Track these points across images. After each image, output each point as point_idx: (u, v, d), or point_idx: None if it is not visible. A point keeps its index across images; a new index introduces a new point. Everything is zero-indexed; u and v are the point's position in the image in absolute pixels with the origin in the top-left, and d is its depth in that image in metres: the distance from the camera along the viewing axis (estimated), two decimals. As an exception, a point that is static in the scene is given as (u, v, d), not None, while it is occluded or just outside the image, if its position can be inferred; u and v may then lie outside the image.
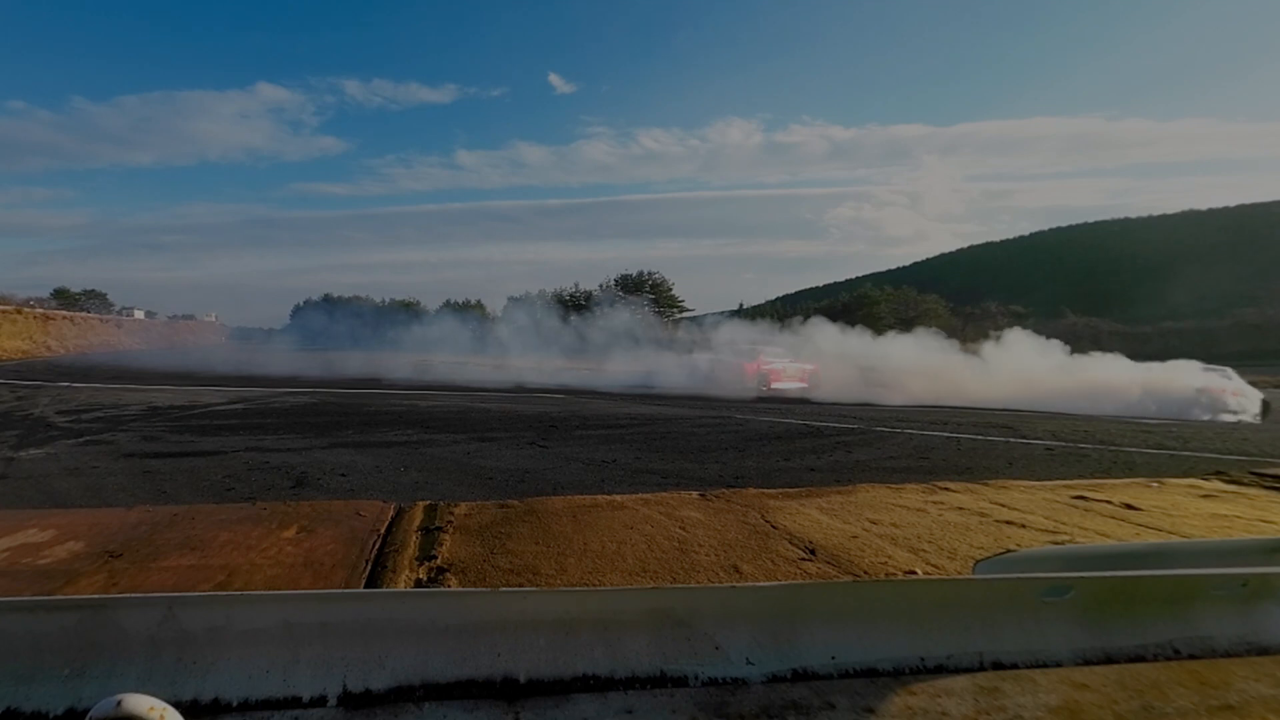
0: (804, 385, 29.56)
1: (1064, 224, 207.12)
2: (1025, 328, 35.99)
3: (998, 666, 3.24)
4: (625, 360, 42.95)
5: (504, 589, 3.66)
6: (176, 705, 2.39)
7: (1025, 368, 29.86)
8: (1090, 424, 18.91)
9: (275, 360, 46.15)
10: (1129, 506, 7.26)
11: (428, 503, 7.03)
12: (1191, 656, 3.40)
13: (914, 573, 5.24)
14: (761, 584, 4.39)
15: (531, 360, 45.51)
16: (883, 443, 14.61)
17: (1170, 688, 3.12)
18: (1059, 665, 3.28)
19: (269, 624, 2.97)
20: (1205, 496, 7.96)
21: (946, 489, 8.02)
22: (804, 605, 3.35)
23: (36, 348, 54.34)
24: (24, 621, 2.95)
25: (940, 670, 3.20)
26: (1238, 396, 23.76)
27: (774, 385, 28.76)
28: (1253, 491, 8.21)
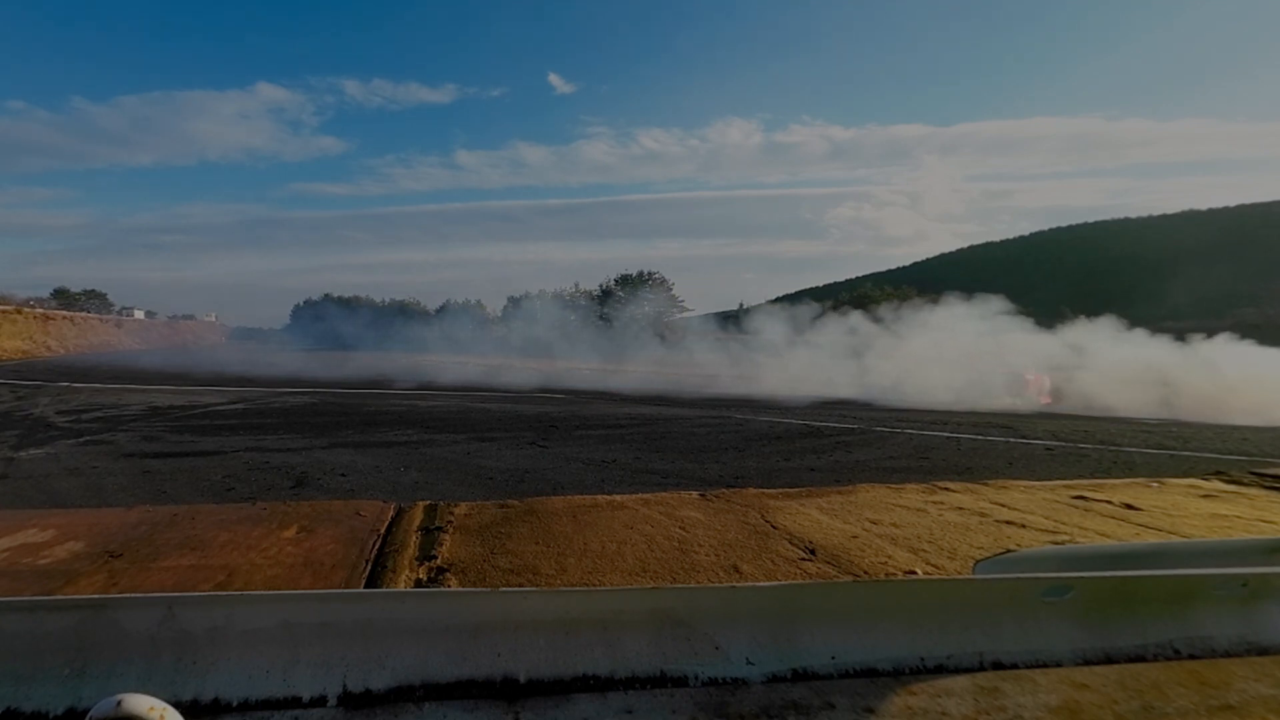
0: (1049, 402, 25.52)
1: (1064, 224, 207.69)
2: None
3: (998, 666, 3.24)
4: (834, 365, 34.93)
5: (504, 589, 3.67)
6: (176, 705, 2.39)
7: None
8: (1090, 424, 18.93)
9: (278, 360, 46.25)
10: (1129, 506, 7.25)
11: (428, 503, 7.03)
12: (1191, 656, 3.40)
13: (914, 573, 5.24)
14: (761, 584, 4.39)
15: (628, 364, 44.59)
16: (883, 443, 14.66)
17: (1170, 688, 3.12)
18: (1059, 665, 3.28)
19: (269, 624, 2.97)
20: (1205, 496, 7.96)
21: (946, 489, 8.01)
22: (804, 605, 3.35)
23: (36, 348, 54.38)
24: (24, 621, 2.94)
25: (940, 670, 3.20)
26: None
27: (1041, 400, 25.25)
28: (1253, 491, 8.21)
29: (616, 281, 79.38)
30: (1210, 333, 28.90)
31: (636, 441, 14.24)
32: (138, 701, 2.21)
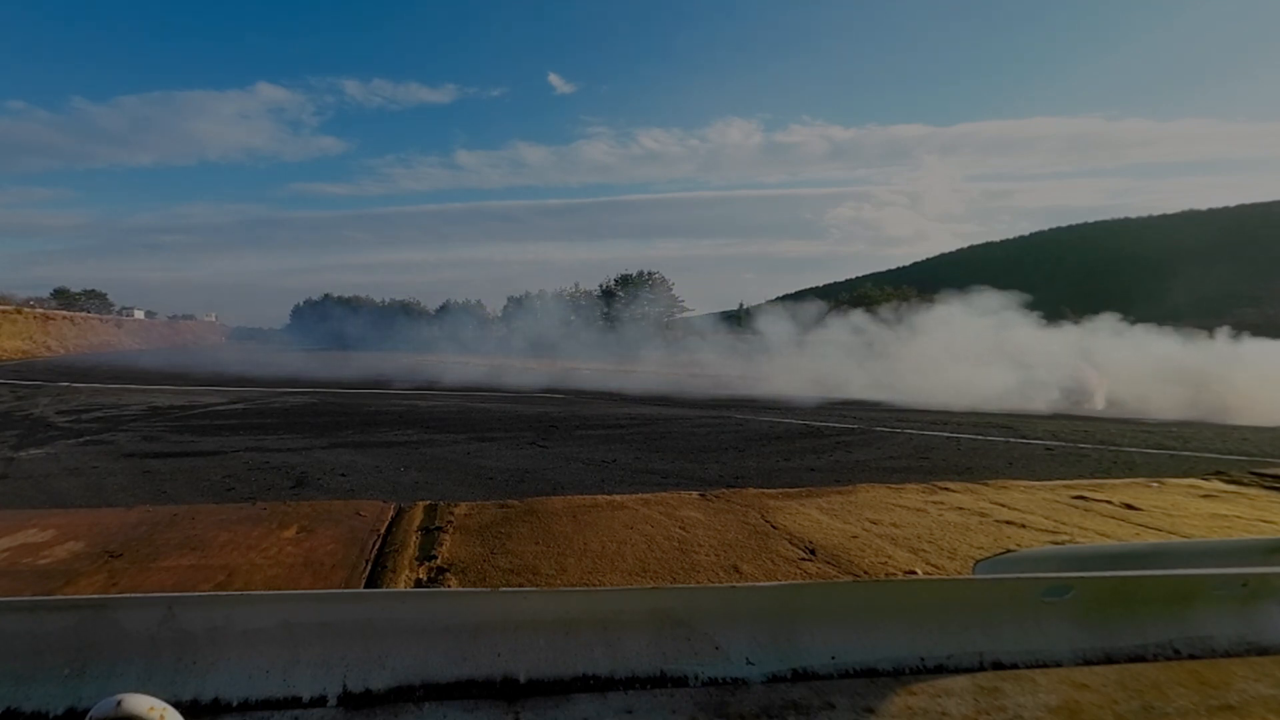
0: (1105, 406, 23.85)
1: (1064, 224, 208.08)
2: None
3: (998, 666, 3.25)
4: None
5: (504, 589, 3.67)
6: (176, 705, 2.39)
7: None
8: (1090, 424, 18.91)
9: (278, 360, 46.28)
10: (1129, 506, 7.26)
11: (428, 503, 7.03)
12: (1191, 656, 3.40)
13: (914, 573, 5.24)
14: (761, 584, 4.39)
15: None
16: (883, 443, 14.68)
17: (1170, 688, 3.12)
18: (1059, 665, 3.28)
19: (269, 624, 2.98)
20: (1205, 496, 7.96)
21: (946, 489, 8.02)
22: (804, 605, 3.35)
23: (36, 348, 54.35)
24: (24, 621, 2.95)
25: (940, 670, 3.20)
26: None
27: (1101, 404, 23.63)
28: (1253, 491, 8.20)
29: (616, 281, 79.41)
30: (1210, 332, 28.58)
31: (637, 441, 14.28)
32: (138, 701, 2.21)
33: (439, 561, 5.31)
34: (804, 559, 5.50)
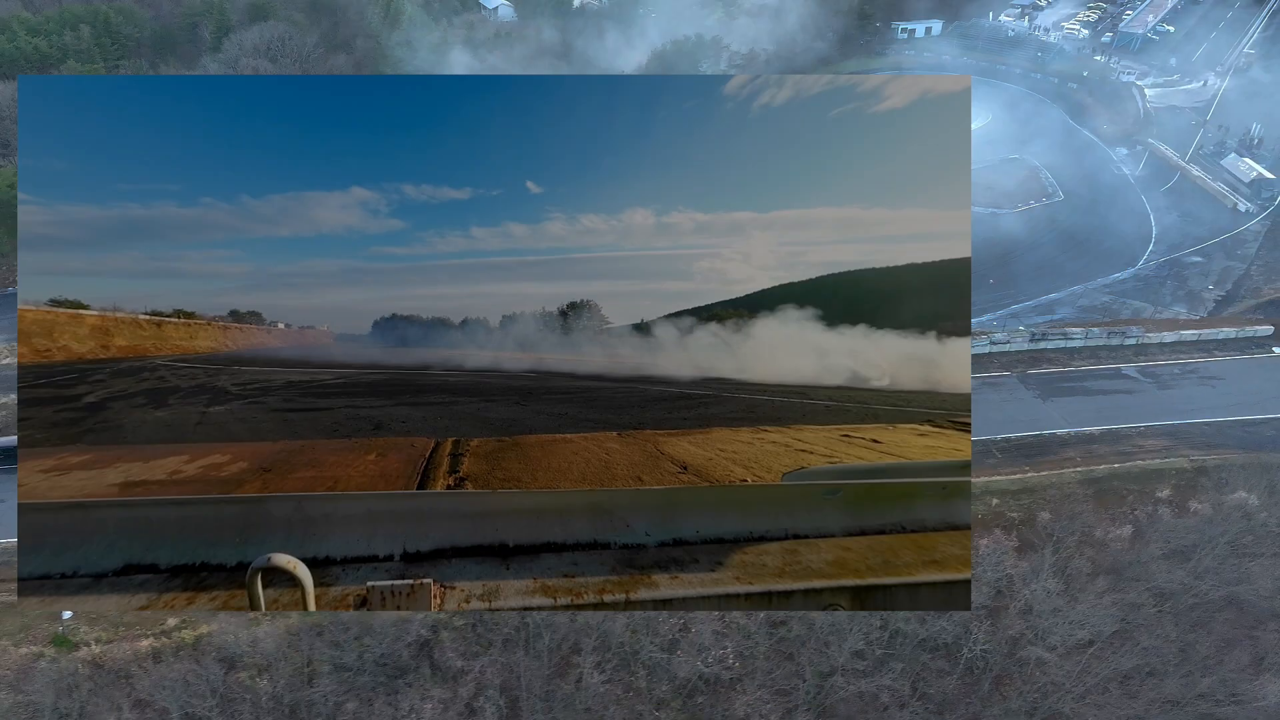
0: None
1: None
2: None
3: (796, 537, 3.35)
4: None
5: (500, 490, 3.74)
6: (304, 560, 2.41)
7: None
8: (852, 392, 19.21)
9: (365, 354, 45.87)
10: (875, 441, 7.53)
11: (454, 439, 7.30)
12: (914, 531, 3.55)
13: (745, 480, 5.38)
14: (655, 488, 4.50)
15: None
16: (728, 403, 14.93)
17: (901, 550, 3.27)
18: (834, 536, 3.40)
19: (358, 512, 3.05)
20: (921, 435, 8.29)
21: (765, 431, 8.24)
22: (681, 500, 3.48)
23: (219, 346, 54.04)
24: (211, 509, 3.08)
25: (762, 539, 3.30)
26: None
27: None
28: (950, 432, 8.52)
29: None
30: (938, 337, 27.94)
31: (580, 402, 14.53)
32: (281, 559, 2.27)
33: (461, 473, 5.49)
34: (680, 473, 5.73)
